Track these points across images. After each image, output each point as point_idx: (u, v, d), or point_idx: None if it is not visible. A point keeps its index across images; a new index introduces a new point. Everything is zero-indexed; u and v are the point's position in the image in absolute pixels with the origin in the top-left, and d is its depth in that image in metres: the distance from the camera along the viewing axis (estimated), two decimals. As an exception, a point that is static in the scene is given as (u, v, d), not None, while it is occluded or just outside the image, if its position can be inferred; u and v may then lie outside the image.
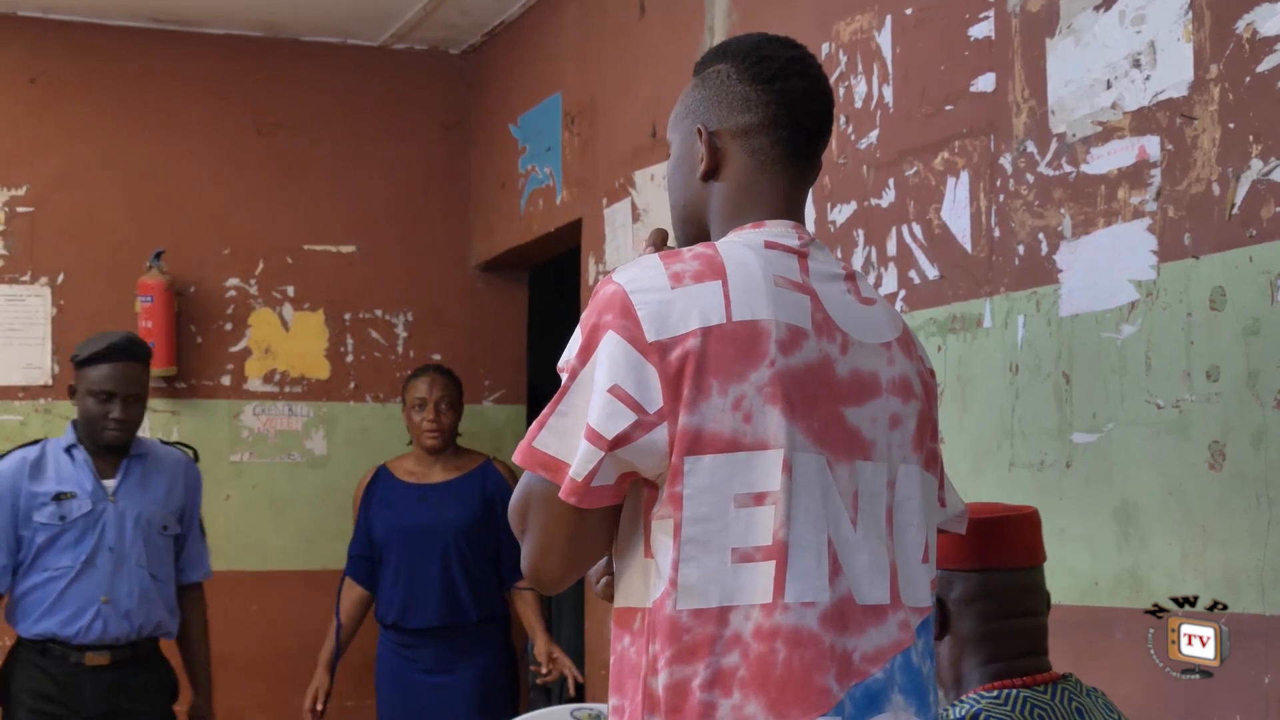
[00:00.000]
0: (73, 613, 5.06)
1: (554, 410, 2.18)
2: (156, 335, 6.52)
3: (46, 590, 5.06)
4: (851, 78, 4.26)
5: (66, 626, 5.05)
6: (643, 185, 5.47)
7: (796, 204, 2.39)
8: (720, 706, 2.09)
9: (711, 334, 2.14)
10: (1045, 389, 3.51)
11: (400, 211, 7.10)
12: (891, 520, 2.26)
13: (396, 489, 6.18)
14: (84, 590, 5.07)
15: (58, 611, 5.06)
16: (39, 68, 6.68)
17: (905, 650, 2.22)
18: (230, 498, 6.78)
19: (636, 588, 2.19)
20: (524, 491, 2.23)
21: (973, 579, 2.64)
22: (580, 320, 2.21)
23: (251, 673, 6.73)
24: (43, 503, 5.07)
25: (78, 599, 5.06)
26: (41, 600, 5.07)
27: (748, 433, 2.13)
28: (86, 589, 5.07)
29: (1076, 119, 3.45)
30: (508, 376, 7.25)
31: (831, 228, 4.31)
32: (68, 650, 5.07)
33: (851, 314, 2.29)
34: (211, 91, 6.89)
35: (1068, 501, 3.40)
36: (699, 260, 2.22)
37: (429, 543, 6.03)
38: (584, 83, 6.06)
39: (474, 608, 6.03)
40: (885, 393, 2.29)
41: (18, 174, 6.63)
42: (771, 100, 2.34)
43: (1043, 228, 3.54)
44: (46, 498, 5.08)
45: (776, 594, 2.11)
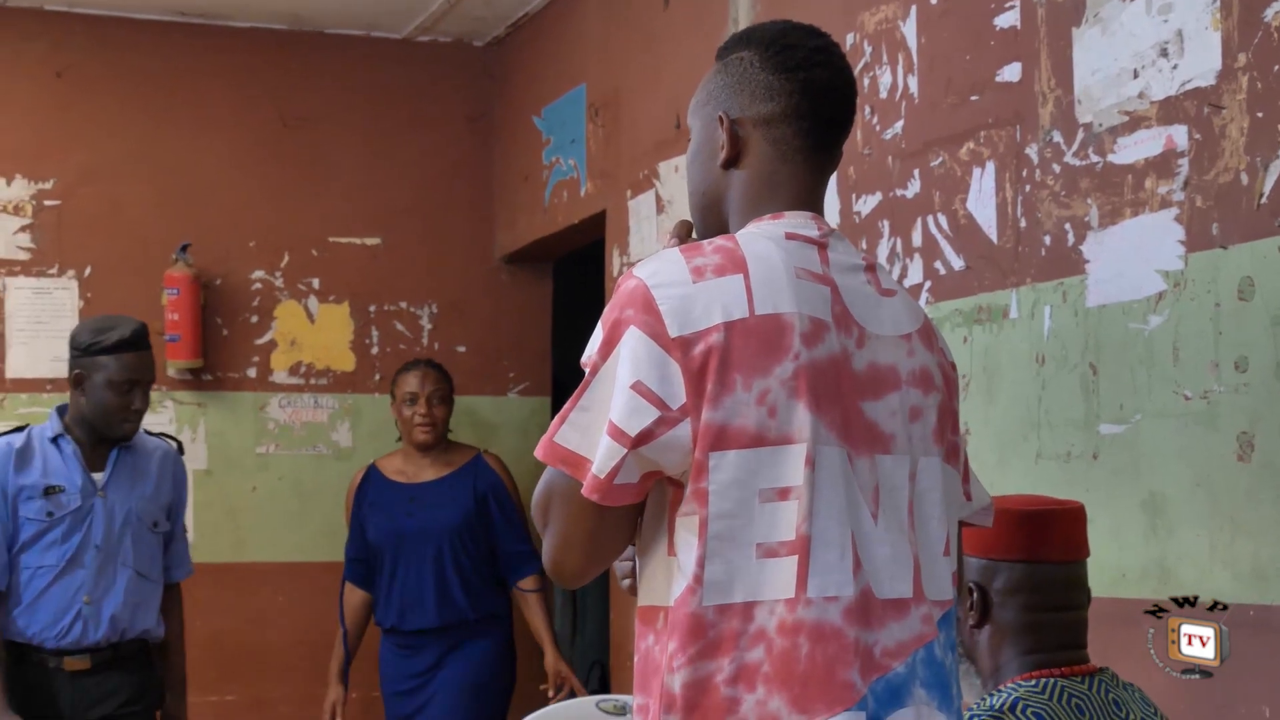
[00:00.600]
0: (53, 615, 4.77)
1: (575, 405, 2.17)
2: (183, 328, 6.54)
3: (28, 589, 4.77)
4: (876, 68, 4.24)
5: (46, 628, 4.76)
6: (667, 177, 5.47)
7: (816, 195, 2.37)
8: (744, 702, 2.08)
9: (734, 328, 2.13)
10: (1072, 380, 3.50)
11: (425, 204, 7.11)
12: (913, 513, 2.25)
13: (387, 490, 6.12)
14: (66, 591, 4.78)
15: (36, 612, 4.76)
16: (65, 61, 6.69)
17: (928, 644, 2.21)
18: (256, 489, 6.79)
19: (659, 586, 2.18)
20: (546, 486, 2.22)
21: (1018, 570, 2.64)
22: (602, 315, 2.20)
23: (278, 664, 6.75)
24: (30, 496, 4.78)
25: (59, 600, 4.78)
26: (21, 599, 4.77)
27: (772, 427, 2.12)
28: (69, 589, 4.78)
29: (1103, 109, 3.43)
30: (532, 369, 7.25)
31: (856, 218, 4.30)
32: (44, 654, 4.78)
33: (871, 306, 2.28)
34: (237, 84, 6.90)
35: (1095, 493, 3.38)
36: (720, 254, 2.20)
37: (422, 545, 5.98)
38: (608, 74, 6.05)
39: (471, 608, 5.98)
40: (905, 385, 2.27)
41: (45, 167, 6.65)
42: (795, 90, 2.32)
43: (1069, 218, 3.52)
44: (35, 491, 4.79)
45: (799, 589, 2.10)
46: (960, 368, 3.72)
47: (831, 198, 4.36)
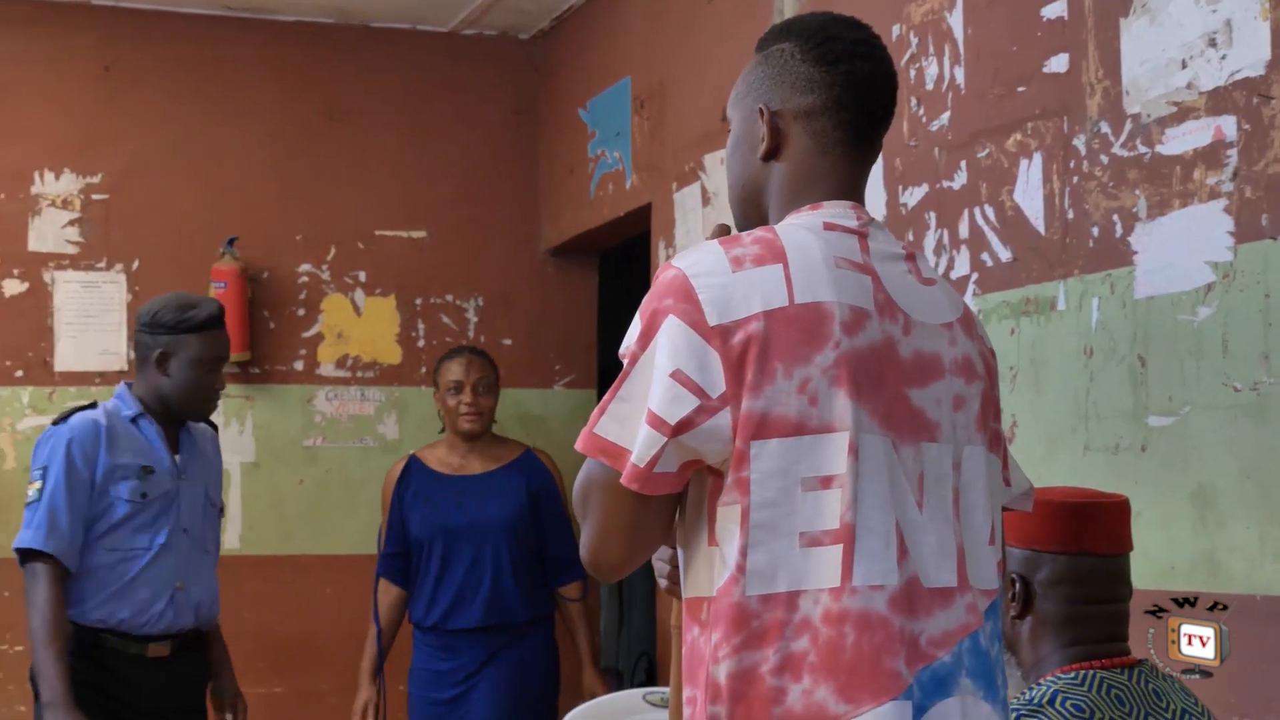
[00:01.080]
0: (145, 599, 4.60)
1: (614, 396, 2.17)
2: (230, 321, 6.51)
3: (114, 573, 4.57)
4: (923, 59, 4.23)
5: (137, 614, 4.59)
6: (712, 169, 5.46)
7: (857, 186, 2.36)
8: (790, 692, 2.08)
9: (774, 317, 2.13)
10: (1120, 372, 3.49)
11: (470, 197, 7.12)
12: (958, 502, 2.24)
13: (432, 482, 5.86)
14: (159, 575, 4.62)
15: (126, 597, 4.57)
16: (112, 56, 6.73)
17: (973, 633, 2.21)
18: (304, 482, 6.82)
19: (702, 577, 2.18)
20: (585, 478, 2.23)
21: (1061, 562, 2.64)
22: (640, 306, 2.20)
23: (325, 656, 6.77)
24: (124, 476, 4.59)
25: (151, 584, 4.61)
26: (106, 584, 4.56)
27: (814, 416, 2.12)
28: (161, 574, 4.62)
29: (1151, 99, 3.42)
30: (578, 361, 7.26)
31: (903, 210, 4.29)
32: (128, 640, 4.60)
33: (912, 294, 2.27)
34: (283, 78, 6.92)
35: (1143, 486, 3.37)
36: (759, 244, 2.20)
37: (472, 541, 5.73)
38: (653, 66, 6.05)
39: (522, 608, 5.75)
40: (948, 374, 2.27)
41: (93, 161, 6.69)
42: (836, 82, 2.32)
43: (1117, 209, 3.51)
44: (129, 471, 4.60)
45: (844, 577, 2.09)
46: (1007, 360, 3.73)
47: (878, 189, 4.35)
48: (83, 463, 4.54)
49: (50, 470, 4.52)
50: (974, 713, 2.18)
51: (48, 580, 4.45)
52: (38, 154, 6.64)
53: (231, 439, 6.72)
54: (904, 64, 4.25)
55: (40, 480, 4.53)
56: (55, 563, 4.47)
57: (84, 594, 4.56)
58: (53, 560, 4.46)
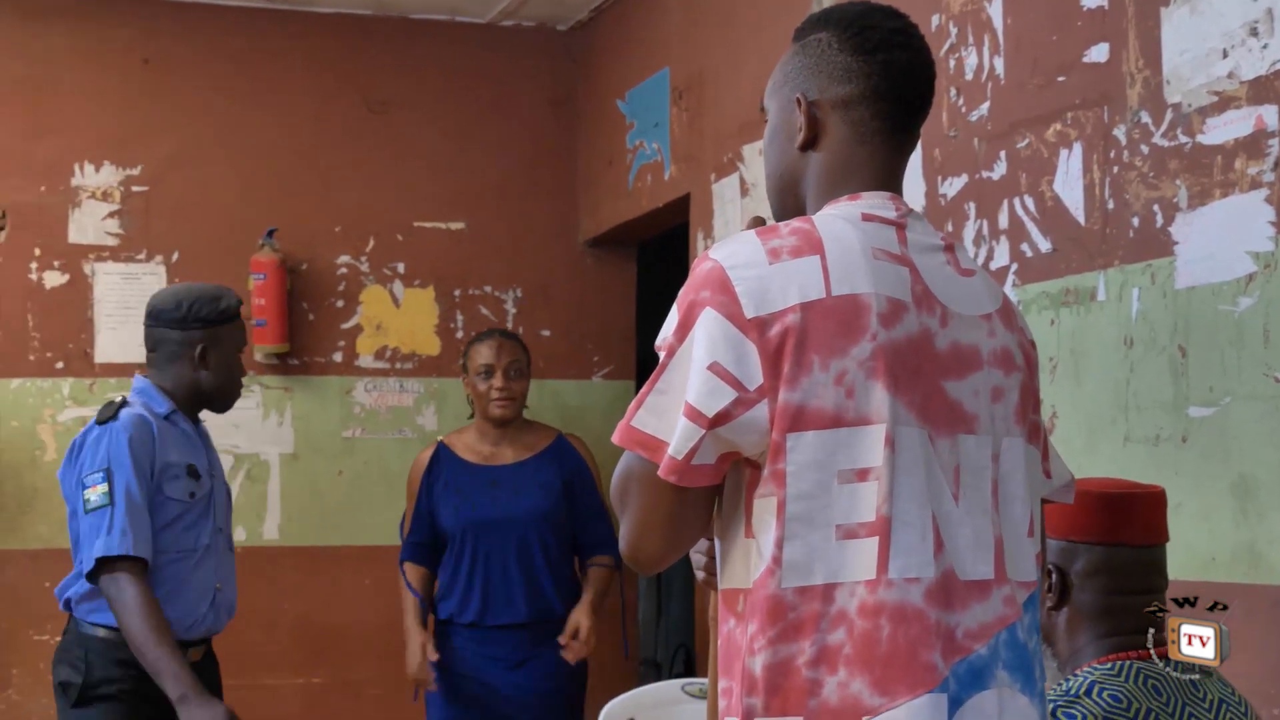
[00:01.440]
0: (192, 602, 4.44)
1: (652, 389, 2.17)
2: (269, 313, 6.59)
3: (163, 575, 4.37)
4: (962, 49, 4.22)
5: (184, 617, 4.41)
6: (751, 159, 5.46)
7: (894, 176, 2.36)
8: (825, 684, 2.08)
9: (811, 309, 2.12)
10: (1161, 363, 3.47)
11: (509, 188, 7.12)
12: (997, 494, 2.24)
13: (462, 472, 5.64)
14: (204, 577, 4.47)
15: (176, 600, 4.38)
16: (152, 48, 6.75)
17: (1010, 625, 2.20)
18: (343, 473, 6.84)
19: (738, 569, 2.18)
20: (623, 471, 2.23)
21: (1098, 553, 2.64)
22: (677, 298, 2.20)
23: (365, 646, 6.79)
24: (175, 475, 4.43)
25: (197, 587, 4.45)
26: (156, 587, 4.32)
27: (850, 408, 2.11)
28: (206, 575, 4.48)
29: (1192, 89, 3.40)
30: (616, 352, 7.26)
31: (942, 201, 4.28)
32: None
33: (951, 286, 2.26)
34: (321, 70, 6.94)
35: (1184, 477, 3.36)
36: (796, 235, 2.20)
37: (507, 533, 5.53)
38: (692, 57, 6.05)
39: (559, 600, 5.56)
40: (986, 365, 2.26)
41: (132, 154, 6.72)
42: (873, 71, 2.31)
43: (1158, 199, 3.49)
44: (179, 470, 4.45)
45: (880, 570, 2.09)
46: (1047, 351, 3.71)
47: (917, 180, 4.34)
48: (144, 459, 4.37)
49: (116, 470, 4.31)
50: (1011, 705, 2.18)
51: (137, 582, 4.23)
52: (78, 146, 6.68)
53: (271, 430, 6.75)
54: (943, 54, 4.24)
55: (104, 483, 4.30)
56: (139, 564, 4.26)
57: None
58: (135, 562, 4.26)
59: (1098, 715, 2.52)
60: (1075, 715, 2.52)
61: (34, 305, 6.59)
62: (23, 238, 6.60)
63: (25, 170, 6.62)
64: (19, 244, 6.59)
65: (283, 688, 6.76)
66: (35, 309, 6.59)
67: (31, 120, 6.64)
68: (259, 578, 6.68)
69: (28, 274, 6.59)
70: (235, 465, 6.71)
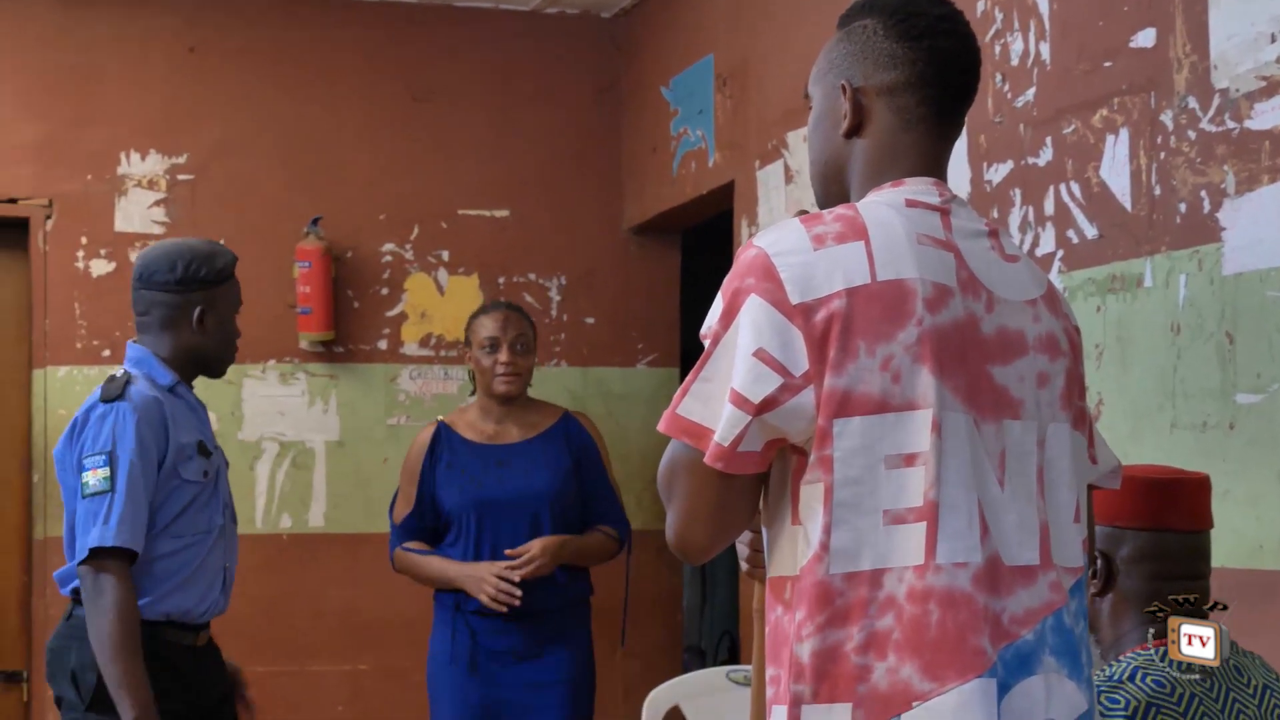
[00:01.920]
0: (206, 585, 4.19)
1: (697, 376, 2.17)
2: (314, 300, 6.61)
3: (178, 560, 4.12)
4: (1008, 35, 4.20)
5: (199, 602, 4.18)
6: (795, 146, 5.45)
7: (940, 163, 2.35)
8: (874, 669, 2.08)
9: (857, 294, 2.12)
10: (1208, 349, 3.46)
11: (553, 176, 7.13)
12: (1042, 479, 2.24)
13: (468, 451, 5.29)
14: (216, 559, 4.23)
15: (192, 585, 4.16)
16: (198, 36, 6.77)
17: (1057, 611, 2.20)
18: (388, 461, 6.85)
19: (785, 557, 2.18)
20: (670, 460, 2.22)
21: (1144, 538, 2.64)
22: (722, 285, 2.20)
23: (410, 634, 6.79)
24: (189, 455, 4.15)
25: (210, 570, 4.20)
26: (173, 574, 4.11)
27: (896, 393, 2.11)
28: (217, 556, 4.23)
29: (1240, 74, 3.38)
30: (660, 340, 7.26)
31: (988, 187, 4.27)
32: (183, 631, 4.17)
33: (996, 271, 2.26)
34: (366, 58, 6.95)
35: (1231, 463, 3.34)
36: (840, 222, 2.20)
37: (519, 513, 5.17)
38: (736, 44, 6.04)
39: (570, 586, 5.24)
40: (1032, 350, 2.26)
41: (178, 142, 6.74)
42: (919, 58, 2.31)
43: (1205, 185, 3.47)
44: (192, 449, 4.16)
45: (928, 555, 2.09)
46: (1093, 337, 3.70)
47: (962, 166, 4.33)
48: (152, 444, 4.07)
49: (120, 454, 4.02)
50: (1058, 691, 2.18)
51: (122, 580, 3.97)
52: (124, 135, 6.70)
53: (316, 418, 6.77)
54: (989, 40, 4.22)
55: (106, 466, 4.01)
56: (128, 559, 4.00)
57: (149, 587, 4.09)
58: (125, 556, 3.99)
59: (1142, 700, 2.52)
60: (1119, 700, 2.52)
61: (80, 294, 6.62)
62: (69, 226, 6.63)
63: (71, 159, 6.65)
64: (66, 233, 6.62)
65: (328, 674, 6.78)
66: (82, 297, 6.62)
67: (77, 109, 6.67)
68: (305, 565, 6.71)
69: (74, 262, 6.62)
70: (281, 452, 6.74)
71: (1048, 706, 2.16)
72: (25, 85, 6.64)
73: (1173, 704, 2.53)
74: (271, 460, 6.74)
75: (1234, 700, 2.58)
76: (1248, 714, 2.59)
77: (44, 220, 6.61)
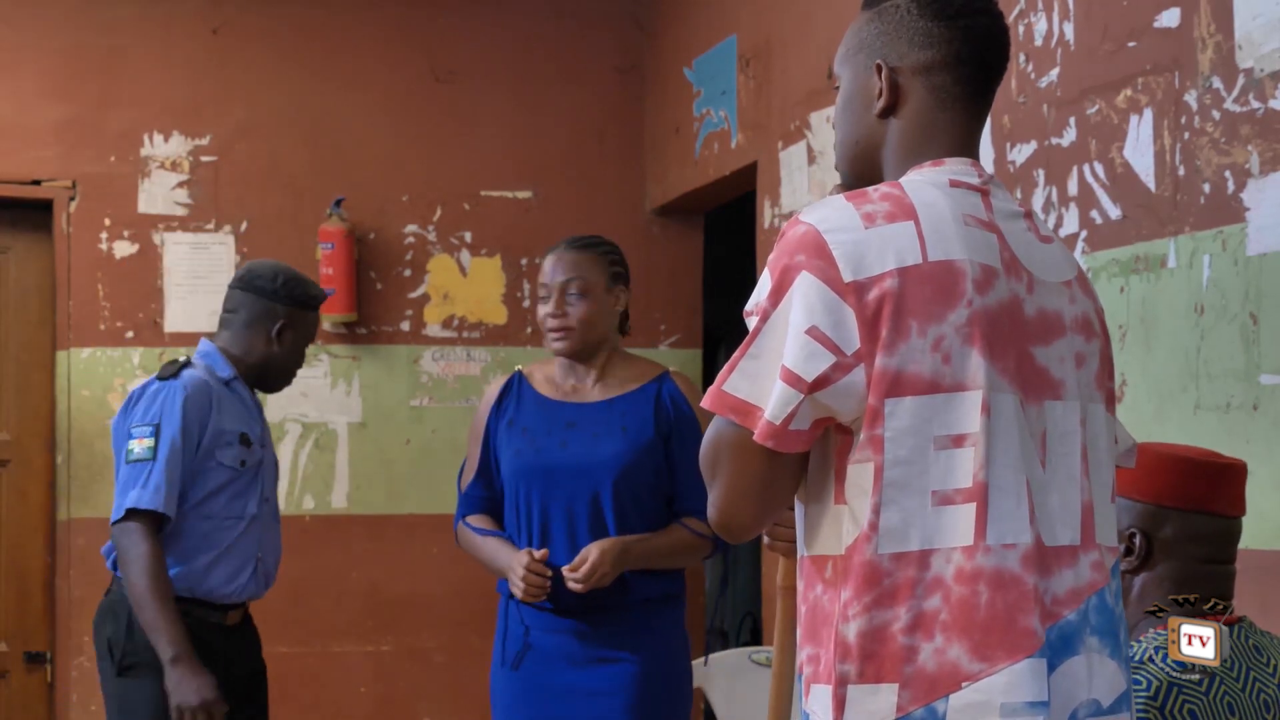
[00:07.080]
0: (234, 568, 4.45)
1: (745, 353, 2.16)
2: (337, 282, 6.61)
3: (207, 541, 4.41)
4: (1032, 15, 4.19)
5: (225, 584, 4.44)
6: (818, 127, 5.44)
7: (973, 141, 2.35)
8: (921, 650, 2.08)
9: (909, 274, 2.12)
10: (1232, 330, 3.45)
11: (575, 157, 7.13)
12: (1086, 459, 2.24)
13: (537, 408, 4.25)
14: (248, 545, 4.49)
15: (217, 566, 4.43)
16: (221, 18, 6.78)
17: (1099, 590, 2.21)
18: (410, 442, 6.86)
19: (827, 535, 2.18)
20: (714, 437, 2.21)
21: (1189, 519, 2.63)
22: (769, 261, 2.18)
23: (433, 614, 6.83)
24: (229, 442, 4.44)
25: (240, 554, 4.47)
26: (199, 551, 4.40)
27: (947, 374, 2.11)
28: (250, 544, 4.50)
29: (1265, 54, 3.37)
30: (683, 321, 7.26)
31: (1011, 168, 4.25)
32: (209, 609, 4.44)
33: (1035, 252, 2.27)
34: (389, 40, 6.96)
35: (1255, 444, 3.33)
36: (888, 201, 2.19)
37: (573, 489, 4.12)
38: (759, 25, 6.03)
39: (651, 580, 4.16)
40: (1070, 331, 2.27)
41: (201, 123, 6.75)
42: (955, 36, 2.30)
43: (1229, 165, 3.46)
44: (233, 437, 4.45)
45: (978, 536, 2.09)
46: (1117, 318, 3.69)
47: (986, 147, 4.32)
48: (195, 424, 4.37)
49: (165, 428, 4.33)
50: (1100, 670, 2.19)
51: (150, 536, 4.27)
52: (147, 117, 6.72)
53: (339, 399, 6.79)
54: (1013, 20, 4.21)
55: (152, 437, 4.32)
56: (155, 519, 4.30)
57: (176, 559, 4.37)
58: (158, 519, 4.30)
59: (1163, 681, 2.53)
60: (1141, 681, 2.53)
61: (104, 275, 6.63)
62: (93, 208, 6.64)
63: (95, 141, 6.66)
64: (89, 214, 6.64)
65: (351, 655, 6.80)
66: (105, 279, 6.63)
67: (101, 91, 6.69)
68: (328, 546, 6.73)
69: (98, 244, 6.64)
70: (304, 434, 6.76)
71: (1090, 686, 2.17)
72: (49, 67, 6.65)
73: (1194, 684, 2.53)
74: (294, 442, 6.76)
75: (1255, 680, 2.58)
76: (1268, 693, 2.59)
77: (68, 202, 6.62)
